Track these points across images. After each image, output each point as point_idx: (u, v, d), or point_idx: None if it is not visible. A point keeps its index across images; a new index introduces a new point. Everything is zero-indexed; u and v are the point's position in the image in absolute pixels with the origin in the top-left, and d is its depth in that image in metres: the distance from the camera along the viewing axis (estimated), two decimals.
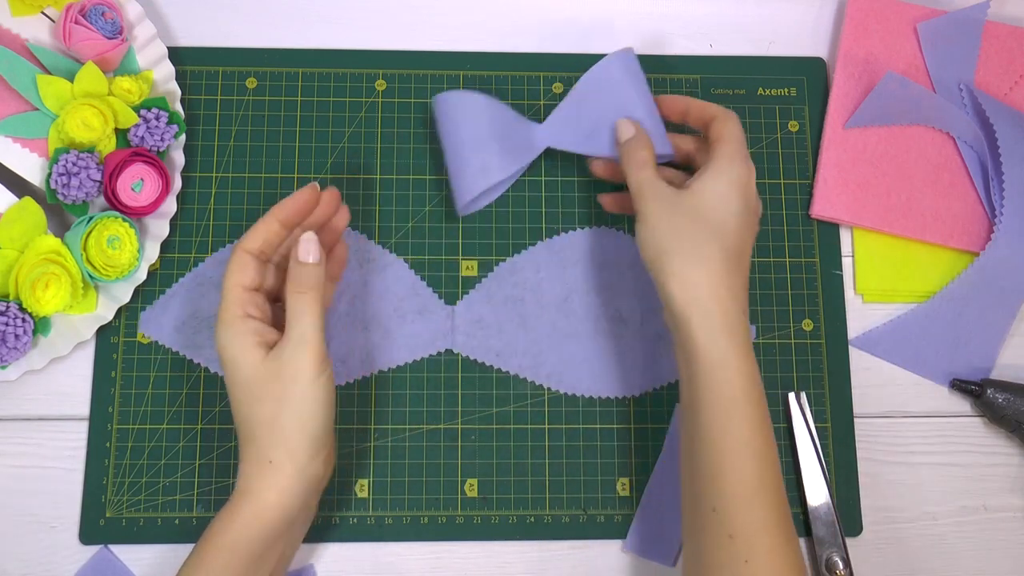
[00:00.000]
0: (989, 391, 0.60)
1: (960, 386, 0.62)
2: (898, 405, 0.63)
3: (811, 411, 0.61)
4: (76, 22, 0.59)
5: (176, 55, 0.65)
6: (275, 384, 0.50)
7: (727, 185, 0.54)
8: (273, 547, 0.50)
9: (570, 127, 0.61)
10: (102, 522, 0.58)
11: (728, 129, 0.56)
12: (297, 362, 0.50)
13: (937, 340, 0.63)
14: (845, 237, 0.65)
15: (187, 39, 0.66)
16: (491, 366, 0.61)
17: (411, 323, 0.62)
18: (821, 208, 0.64)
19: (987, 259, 0.62)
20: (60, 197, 0.58)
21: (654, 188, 0.55)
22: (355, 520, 0.59)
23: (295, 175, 0.64)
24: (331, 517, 0.59)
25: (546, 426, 0.61)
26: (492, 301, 0.62)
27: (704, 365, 0.50)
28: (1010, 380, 0.61)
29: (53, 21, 0.61)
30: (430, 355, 0.61)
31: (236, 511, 0.50)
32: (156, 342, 0.61)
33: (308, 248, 0.52)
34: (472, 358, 0.61)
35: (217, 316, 0.52)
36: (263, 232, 0.53)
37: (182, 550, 0.58)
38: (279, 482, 0.50)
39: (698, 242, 0.52)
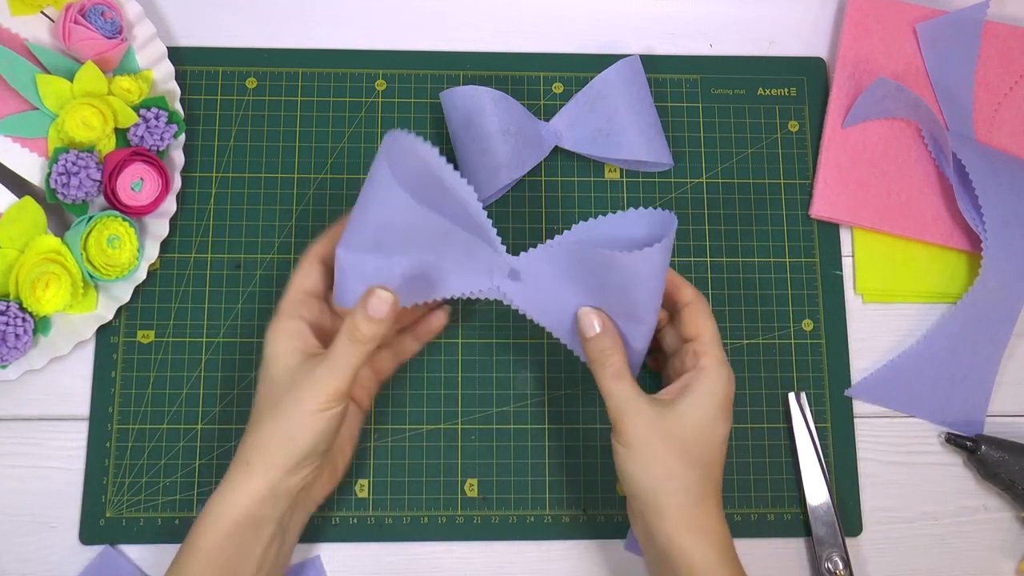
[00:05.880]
0: (984, 448, 0.60)
1: (955, 440, 0.61)
2: None
3: (811, 411, 0.61)
4: (75, 22, 0.59)
5: (176, 55, 0.65)
6: (284, 394, 0.49)
7: (714, 408, 0.51)
8: (246, 550, 0.50)
9: (576, 128, 0.63)
10: (102, 522, 0.58)
11: (704, 325, 0.53)
12: (310, 389, 0.49)
13: (932, 381, 0.62)
14: (845, 237, 0.65)
15: (187, 39, 0.66)
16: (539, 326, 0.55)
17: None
18: (821, 208, 0.64)
19: (975, 295, 0.62)
20: (60, 197, 0.58)
21: (634, 406, 0.50)
22: (355, 520, 0.59)
23: (295, 175, 0.64)
24: (331, 517, 0.59)
25: (546, 426, 0.61)
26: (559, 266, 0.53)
27: None
28: (1009, 420, 0.62)
29: (53, 21, 0.61)
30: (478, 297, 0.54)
31: (209, 509, 0.50)
32: (156, 342, 0.61)
33: (378, 306, 0.49)
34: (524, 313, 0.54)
35: (275, 310, 0.52)
36: (335, 239, 0.52)
37: None
38: (250, 485, 0.49)
39: (690, 482, 0.49)
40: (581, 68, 0.66)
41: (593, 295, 0.52)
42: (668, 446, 0.49)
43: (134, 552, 0.58)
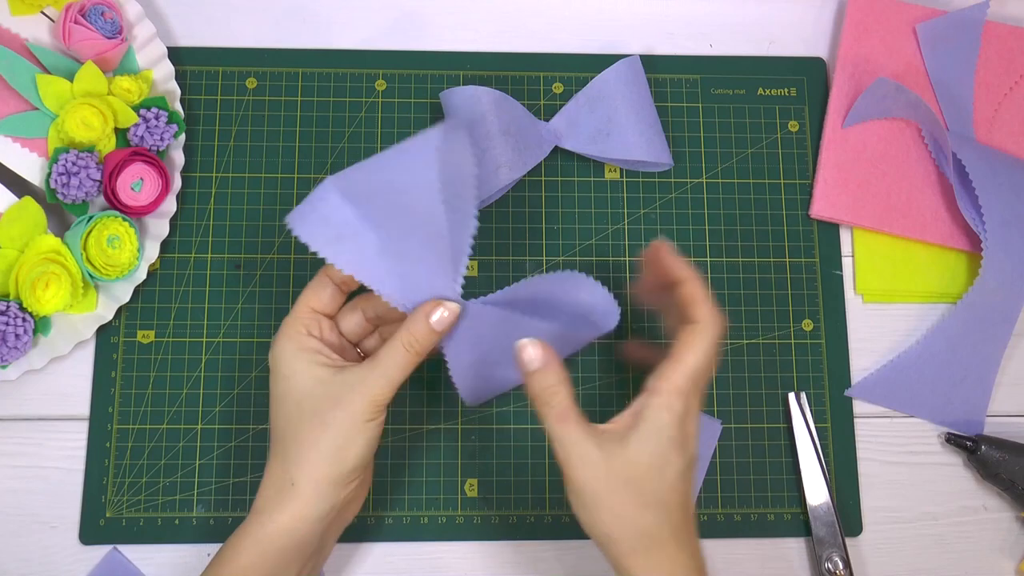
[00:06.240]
0: (984, 448, 0.60)
1: (955, 440, 0.61)
2: None
3: (811, 411, 0.61)
4: (76, 22, 0.59)
5: (176, 55, 0.65)
6: (327, 406, 0.48)
7: (664, 444, 0.46)
8: (284, 570, 0.49)
9: (576, 129, 0.63)
10: (102, 522, 0.58)
11: (691, 350, 0.48)
12: (363, 397, 0.48)
13: (932, 381, 0.62)
14: (845, 237, 0.65)
15: (187, 39, 0.66)
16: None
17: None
18: (821, 208, 0.64)
19: (975, 295, 0.62)
20: (60, 197, 0.58)
21: (580, 451, 0.46)
22: (355, 520, 0.59)
23: (295, 175, 0.64)
24: None
25: None
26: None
27: None
28: (1009, 420, 0.61)
29: (53, 21, 0.61)
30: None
31: (248, 532, 0.48)
32: (156, 342, 0.61)
33: (444, 319, 0.48)
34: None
35: (279, 329, 0.51)
36: None
37: (182, 550, 0.58)
38: (296, 507, 0.48)
39: (643, 527, 0.46)
40: (581, 68, 0.66)
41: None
42: (616, 492, 0.46)
43: (134, 552, 0.58)
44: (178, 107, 0.62)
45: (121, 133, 0.60)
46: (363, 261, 0.48)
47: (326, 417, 0.48)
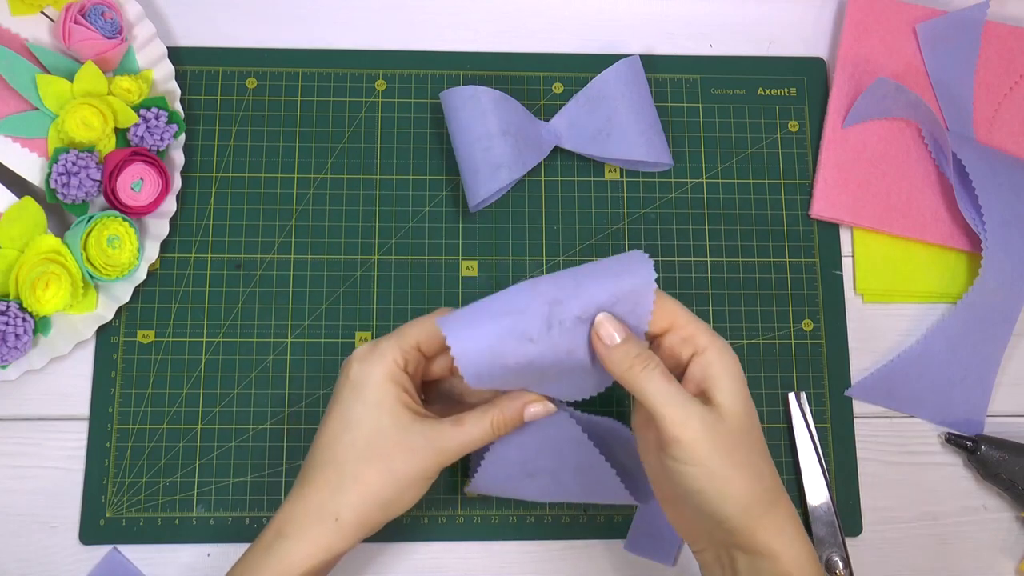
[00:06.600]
0: (984, 448, 0.60)
1: (955, 440, 0.61)
2: None
3: (811, 411, 0.61)
4: (76, 22, 0.59)
5: (176, 55, 0.65)
6: (399, 453, 0.47)
7: (744, 389, 0.46)
8: None
9: (576, 129, 0.63)
10: (102, 522, 0.58)
11: (673, 311, 0.47)
12: (436, 456, 0.47)
13: (932, 381, 0.62)
14: (845, 237, 0.65)
15: (187, 39, 0.66)
16: None
17: None
18: (821, 208, 0.64)
19: (975, 295, 0.62)
20: (60, 197, 0.58)
21: (690, 411, 0.43)
22: None
23: (295, 175, 0.64)
24: None
25: None
26: None
27: None
28: (1009, 420, 0.61)
29: (53, 21, 0.61)
30: None
31: (271, 555, 0.47)
32: (156, 342, 0.61)
33: (537, 413, 0.48)
34: None
35: (373, 346, 0.49)
36: None
37: (182, 550, 0.58)
38: (333, 543, 0.47)
39: (765, 483, 0.44)
40: (581, 68, 0.66)
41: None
42: (738, 451, 0.44)
43: (134, 552, 0.58)
44: (178, 107, 0.62)
45: (121, 133, 0.60)
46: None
47: (395, 464, 0.47)
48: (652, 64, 0.67)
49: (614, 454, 0.54)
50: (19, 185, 0.59)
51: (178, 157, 0.62)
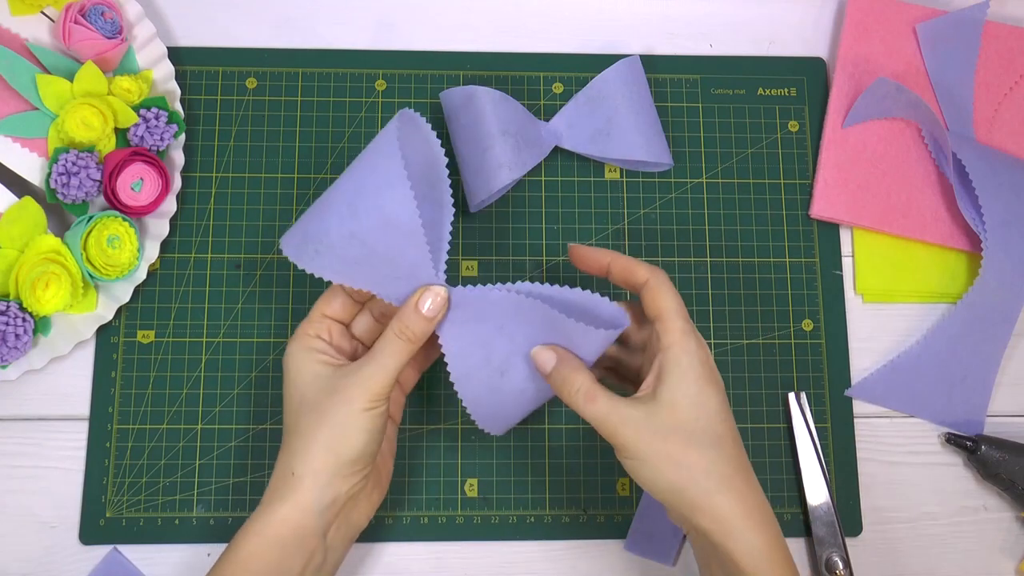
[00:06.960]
0: (984, 448, 0.60)
1: (955, 440, 0.61)
2: None
3: (811, 411, 0.61)
4: (76, 22, 0.59)
5: (176, 55, 0.65)
6: (326, 398, 0.50)
7: (696, 383, 0.48)
8: (287, 564, 0.49)
9: (576, 129, 0.63)
10: (102, 522, 0.58)
11: (664, 300, 0.49)
12: (356, 388, 0.49)
13: (932, 381, 0.62)
14: (845, 237, 0.65)
15: (187, 39, 0.66)
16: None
17: None
18: (821, 208, 0.64)
19: (975, 295, 0.62)
20: (60, 197, 0.58)
21: (620, 417, 0.47)
22: None
23: (295, 175, 0.64)
24: None
25: (546, 426, 0.61)
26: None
27: None
28: (1009, 420, 0.61)
29: (53, 21, 0.61)
30: None
31: (251, 523, 0.49)
32: (156, 342, 0.61)
33: (434, 304, 0.49)
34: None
35: (293, 333, 0.53)
36: None
37: (182, 550, 0.58)
38: (296, 497, 0.49)
39: (704, 468, 0.47)
40: (581, 68, 0.66)
41: (523, 344, 0.50)
42: (668, 440, 0.47)
43: (134, 552, 0.58)
44: (178, 107, 0.62)
45: (121, 133, 0.60)
46: (346, 267, 0.50)
47: (324, 409, 0.49)
48: (652, 64, 0.67)
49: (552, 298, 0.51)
50: (19, 185, 0.59)
51: (178, 157, 0.62)
